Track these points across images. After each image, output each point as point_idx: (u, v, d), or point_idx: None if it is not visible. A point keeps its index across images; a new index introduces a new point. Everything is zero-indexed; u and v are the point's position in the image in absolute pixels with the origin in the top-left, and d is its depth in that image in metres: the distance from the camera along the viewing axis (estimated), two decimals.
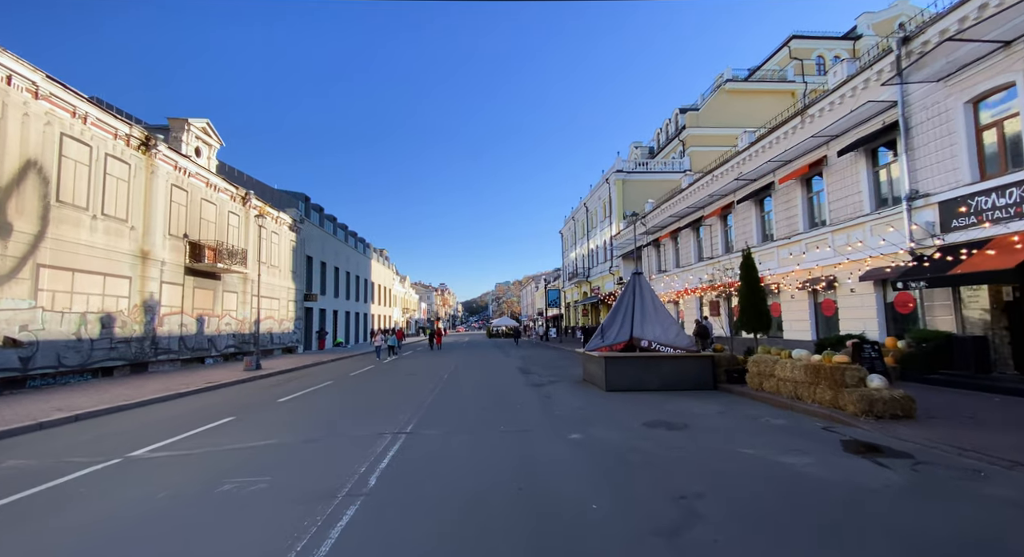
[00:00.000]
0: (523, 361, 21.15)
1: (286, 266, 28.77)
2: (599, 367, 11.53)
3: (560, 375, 14.97)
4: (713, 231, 20.32)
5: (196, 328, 19.65)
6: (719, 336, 19.14)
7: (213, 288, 20.97)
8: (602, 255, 38.09)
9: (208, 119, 20.76)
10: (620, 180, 34.19)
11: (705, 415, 8.13)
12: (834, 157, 13.32)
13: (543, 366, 18.42)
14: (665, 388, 11.02)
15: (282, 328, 27.83)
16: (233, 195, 22.73)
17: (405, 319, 73.11)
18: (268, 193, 30.89)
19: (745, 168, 17.32)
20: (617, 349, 12.43)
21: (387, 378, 15.32)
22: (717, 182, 19.36)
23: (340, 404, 10.20)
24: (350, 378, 15.65)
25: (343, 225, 42.97)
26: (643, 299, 12.53)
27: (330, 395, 11.64)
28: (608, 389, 10.99)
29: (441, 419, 8.14)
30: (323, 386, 13.49)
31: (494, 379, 14.22)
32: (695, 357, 11.29)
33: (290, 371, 18.43)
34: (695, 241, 22.35)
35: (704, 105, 35.71)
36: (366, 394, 11.74)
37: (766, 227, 17.19)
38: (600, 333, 12.70)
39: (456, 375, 15.50)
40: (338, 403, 10.36)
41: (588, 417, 8.12)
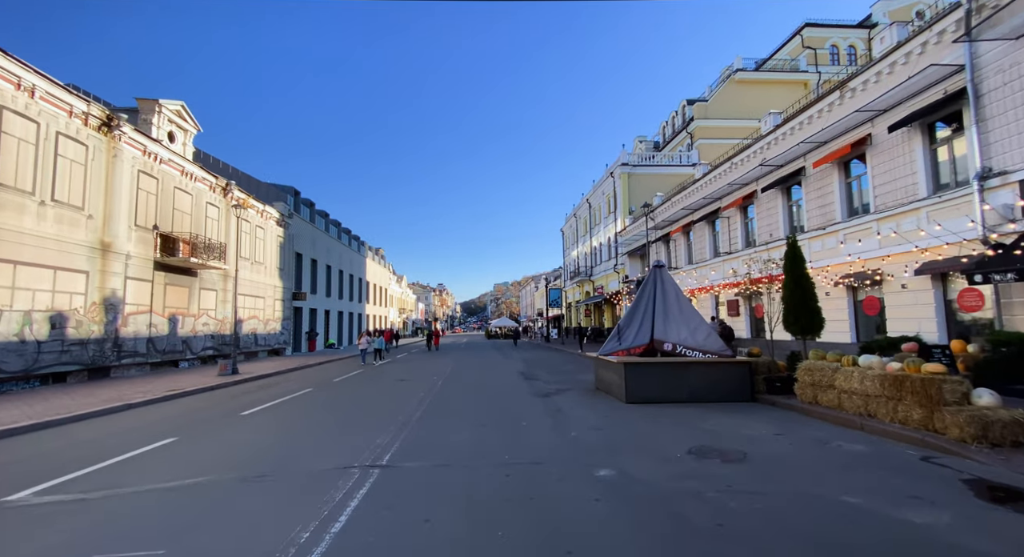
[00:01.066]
0: (525, 364, 19.52)
1: (272, 263, 27.09)
2: (617, 374, 9.90)
3: (567, 381, 13.34)
4: (731, 224, 18.72)
5: (168, 328, 17.96)
6: (737, 338, 17.52)
7: (188, 285, 19.28)
8: (606, 253, 36.49)
9: (183, 101, 19.10)
10: (625, 174, 32.60)
11: (760, 439, 6.50)
12: (881, 135, 11.73)
13: (547, 370, 16.79)
14: (695, 400, 9.40)
15: (268, 329, 26.14)
16: (212, 185, 21.06)
17: (402, 319, 71.41)
18: (254, 186, 29.22)
19: (770, 153, 15.74)
20: (636, 353, 10.81)
21: (374, 385, 13.68)
22: (737, 170, 17.78)
23: (311, 420, 8.54)
24: (333, 384, 13.99)
25: (336, 221, 41.29)
26: (665, 295, 10.91)
27: (303, 407, 9.98)
28: (628, 400, 9.37)
29: (429, 443, 6.50)
30: (300, 394, 11.84)
31: (494, 386, 12.58)
32: (730, 363, 9.67)
33: (269, 376, 16.75)
34: (710, 235, 20.75)
35: (713, 96, 34.17)
36: (346, 405, 10.08)
37: (794, 217, 15.59)
38: (616, 335, 11.07)
39: (452, 381, 13.86)
40: (309, 418, 8.70)
41: (613, 441, 6.49)
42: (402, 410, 9.12)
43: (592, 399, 10.16)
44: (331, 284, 37.67)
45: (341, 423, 8.13)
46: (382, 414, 8.81)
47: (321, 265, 35.42)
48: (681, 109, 37.01)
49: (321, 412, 9.36)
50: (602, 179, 36.70)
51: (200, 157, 25.77)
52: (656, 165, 33.05)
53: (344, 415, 8.96)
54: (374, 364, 19.31)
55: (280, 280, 28.02)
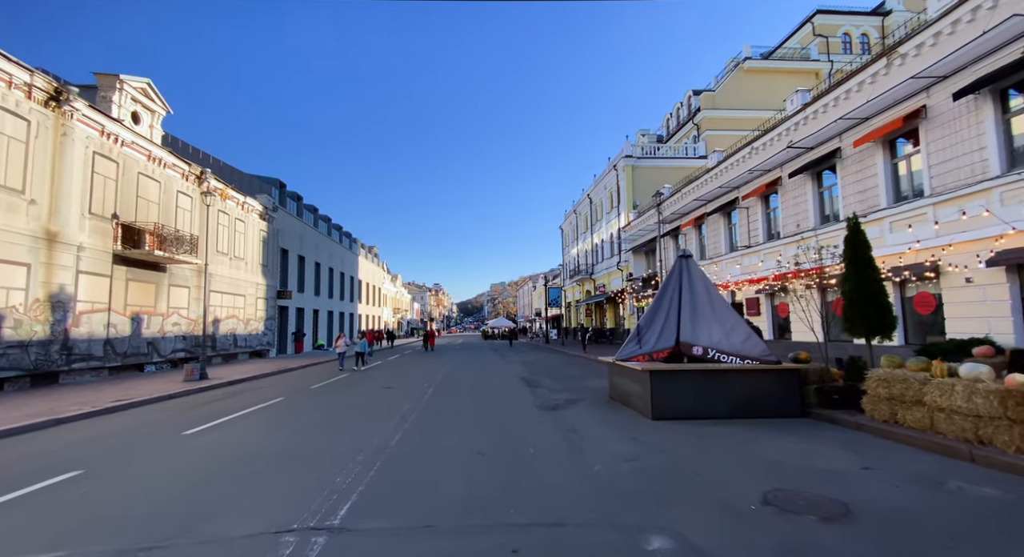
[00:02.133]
0: (525, 368, 17.88)
1: (254, 259, 25.34)
2: (640, 384, 8.28)
3: (576, 389, 11.71)
4: (751, 215, 17.16)
5: (131, 329, 16.21)
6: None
7: (156, 281, 17.53)
8: (608, 250, 34.93)
9: (149, 79, 17.35)
10: (629, 166, 31.03)
11: (847, 477, 4.89)
12: (940, 106, 10.18)
13: (551, 375, 15.16)
14: (736, 415, 7.79)
15: (248, 329, 24.39)
16: (185, 173, 19.31)
17: (396, 320, 69.64)
18: (236, 178, 27.44)
19: (798, 134, 14.17)
20: (659, 358, 9.19)
21: (355, 393, 12.00)
22: (758, 155, 16.22)
23: (264, 442, 6.86)
24: (310, 392, 12.31)
25: (326, 217, 39.53)
26: (693, 290, 9.29)
27: (263, 423, 8.30)
28: (655, 416, 7.74)
29: (406, 485, 4.84)
30: (266, 406, 10.15)
31: (492, 396, 10.93)
32: (776, 372, 8.06)
33: (242, 381, 15.04)
34: (726, 228, 19.19)
35: (721, 86, 32.67)
36: (313, 421, 8.40)
37: (826, 205, 14.04)
38: (635, 337, 9.44)
39: (443, 390, 12.20)
40: (262, 440, 7.02)
41: (654, 479, 4.85)
42: (380, 429, 7.45)
43: (609, 413, 8.53)
44: (320, 282, 35.91)
45: (298, 449, 6.46)
46: (355, 433, 7.15)
47: (309, 262, 33.67)
48: (687, 100, 35.50)
49: (281, 431, 7.69)
50: (604, 173, 35.13)
51: (170, 142, 23.96)
52: (662, 157, 31.51)
53: (307, 436, 7.28)
54: (356, 369, 17.30)
55: (263, 277, 26.26)
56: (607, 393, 10.61)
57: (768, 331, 16.23)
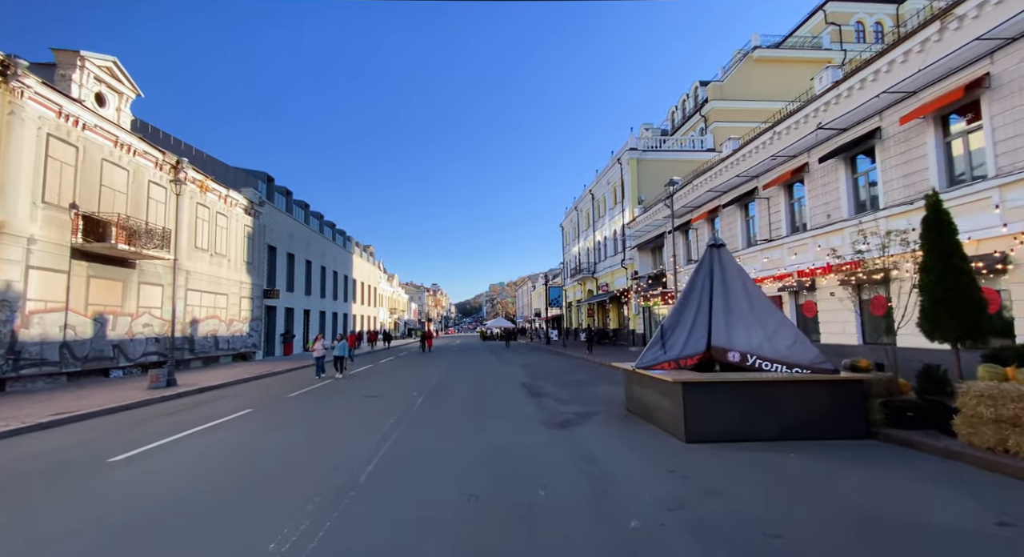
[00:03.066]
0: (527, 372, 16.46)
1: (238, 256, 23.87)
2: (669, 398, 6.87)
3: (585, 399, 10.30)
4: (772, 205, 15.76)
5: (93, 331, 14.75)
6: None
7: (124, 279, 16.07)
8: (611, 247, 33.54)
9: (116, 58, 15.88)
10: (634, 159, 29.64)
11: (983, 537, 3.49)
12: (1009, 72, 8.81)
13: (555, 381, 13.74)
14: (787, 436, 6.40)
15: (231, 330, 22.92)
16: (158, 162, 17.85)
17: (393, 320, 68.17)
18: (219, 169, 25.97)
19: (829, 115, 12.79)
20: (688, 366, 7.79)
21: (334, 403, 10.56)
22: (781, 140, 14.83)
23: (199, 479, 5.43)
24: (285, 402, 10.87)
25: (318, 214, 38.06)
26: (727, 285, 7.90)
27: (207, 448, 6.86)
28: (690, 438, 6.33)
29: (368, 553, 3.42)
30: (229, 420, 8.73)
31: (491, 408, 9.51)
32: (833, 383, 6.66)
33: (214, 388, 13.61)
34: (743, 221, 17.80)
35: (729, 76, 31.30)
36: (272, 446, 6.96)
37: (861, 192, 12.65)
38: (658, 340, 8.04)
39: (435, 399, 10.78)
40: (199, 475, 5.59)
41: (717, 547, 3.44)
42: (351, 455, 6.03)
43: (631, 432, 7.11)
44: (311, 281, 34.45)
45: (239, 488, 5.04)
46: (319, 462, 5.73)
47: (299, 260, 32.19)
48: (693, 91, 34.13)
49: (229, 458, 6.26)
50: (607, 167, 33.74)
51: (140, 128, 22.48)
52: (668, 150, 30.12)
53: (257, 466, 5.86)
54: (337, 377, 15.20)
55: (248, 275, 24.80)
56: (622, 404, 9.20)
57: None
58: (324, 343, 14.65)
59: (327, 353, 15.07)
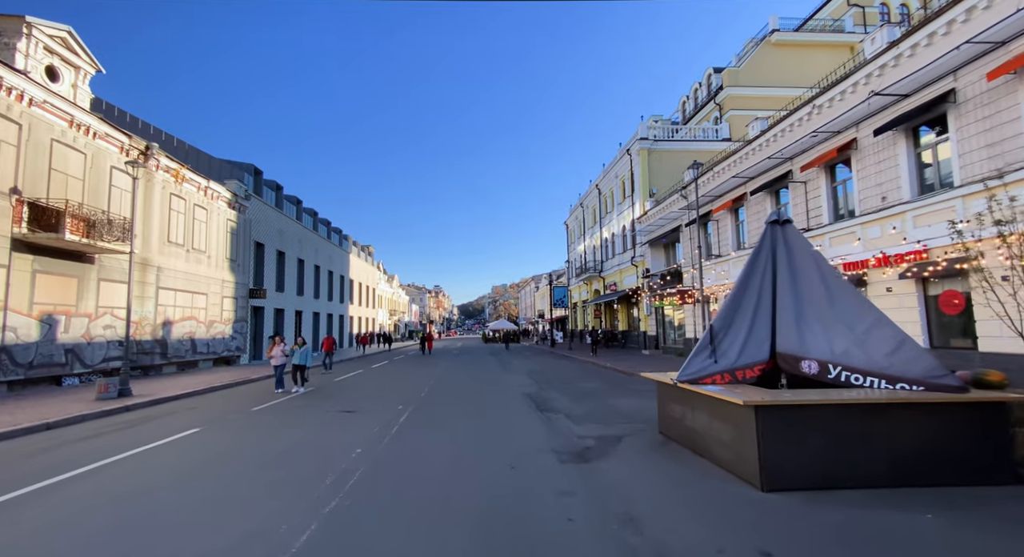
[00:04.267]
0: (531, 380, 14.60)
1: (220, 252, 22.14)
2: (734, 426, 5.01)
3: (605, 416, 8.45)
4: (811, 190, 13.88)
5: (40, 333, 13.01)
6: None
7: (79, 275, 14.33)
8: (620, 244, 31.68)
9: (71, 27, 14.18)
10: (645, 150, 27.79)
11: None
12: None
13: (565, 390, 11.89)
14: (903, 481, 4.55)
15: (212, 332, 21.17)
16: (123, 146, 16.13)
17: (393, 322, 66.42)
18: (202, 160, 24.32)
19: (886, 79, 10.94)
20: (748, 378, 5.94)
21: (299, 420, 8.73)
22: (821, 116, 12.98)
23: (98, 522, 3.62)
24: (242, 418, 9.06)
25: (311, 210, 36.36)
26: (796, 273, 6.05)
27: (110, 490, 5.05)
28: (769, 485, 4.48)
29: None
30: (157, 447, 6.92)
31: (489, 431, 7.66)
32: (960, 405, 4.79)
33: (171, 400, 11.83)
34: (772, 209, 15.91)
35: (746, 62, 29.44)
36: (191, 488, 5.15)
37: (924, 173, 10.76)
38: (706, 345, 6.17)
39: (420, 418, 8.94)
40: (71, 542, 3.78)
41: None
42: (293, 504, 4.21)
43: (677, 470, 5.25)
44: (304, 281, 32.71)
45: (146, 543, 3.22)
46: (240, 520, 3.91)
47: (290, 258, 30.47)
48: (706, 79, 32.28)
49: (130, 502, 4.45)
50: (615, 159, 31.90)
51: (104, 109, 20.79)
52: (681, 140, 28.26)
53: (156, 521, 4.04)
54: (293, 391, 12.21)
55: (231, 274, 23.06)
56: (653, 424, 7.35)
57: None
58: (285, 348, 12.16)
59: (287, 361, 12.30)
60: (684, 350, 21.97)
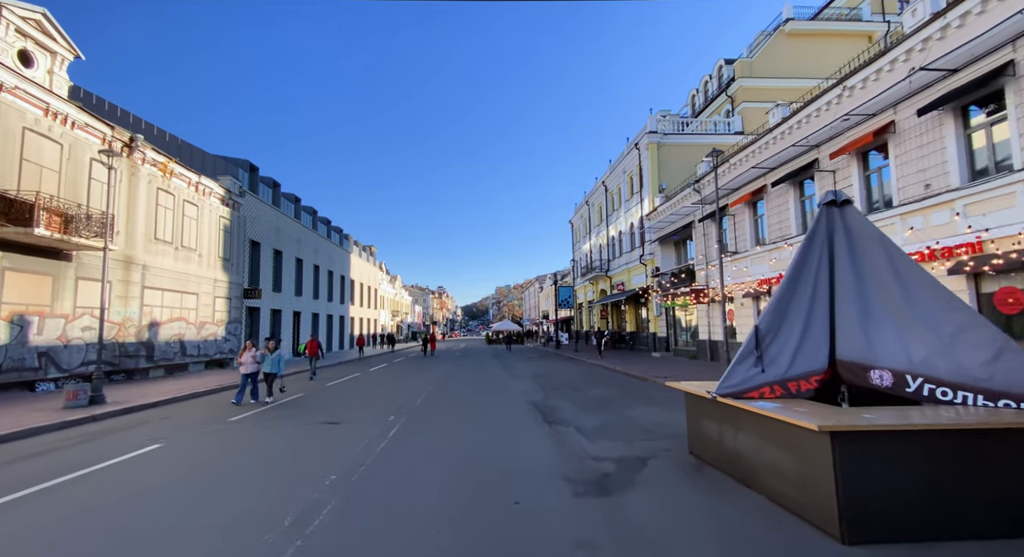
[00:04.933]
0: (536, 385, 13.58)
1: (211, 251, 21.26)
2: (799, 456, 3.96)
3: (621, 429, 7.41)
4: (841, 179, 12.77)
5: (9, 335, 12.13)
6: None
7: (55, 273, 13.46)
8: (627, 242, 30.61)
9: (46, 10, 13.32)
10: (654, 144, 26.72)
11: None
12: None
13: (574, 398, 10.85)
14: (1020, 530, 3.48)
15: (203, 334, 20.28)
16: (105, 138, 15.26)
17: (395, 323, 65.57)
18: (195, 156, 23.50)
19: (931, 53, 9.85)
20: (804, 391, 4.89)
21: (276, 432, 7.74)
22: (853, 97, 11.89)
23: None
24: (217, 430, 8.09)
25: (310, 209, 35.52)
26: (859, 263, 5.00)
27: (71, 509, 4.07)
28: (852, 537, 3.43)
29: None
30: (124, 460, 5.96)
31: (488, 451, 6.63)
32: None
33: (144, 409, 10.90)
34: (796, 202, 14.82)
35: (759, 52, 28.34)
36: (127, 521, 4.16)
37: (977, 156, 9.65)
38: (751, 352, 5.12)
39: (415, 428, 7.94)
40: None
41: None
42: (243, 549, 3.22)
43: (724, 509, 4.20)
44: (303, 281, 31.84)
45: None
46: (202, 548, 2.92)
47: (288, 258, 29.61)
48: (717, 71, 31.16)
49: (51, 543, 3.47)
50: (623, 154, 30.84)
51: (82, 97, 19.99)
52: (692, 134, 27.16)
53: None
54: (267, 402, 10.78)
55: (225, 273, 22.18)
56: (678, 439, 6.31)
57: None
58: (256, 354, 10.50)
59: (255, 368, 10.50)
60: (697, 352, 20.87)
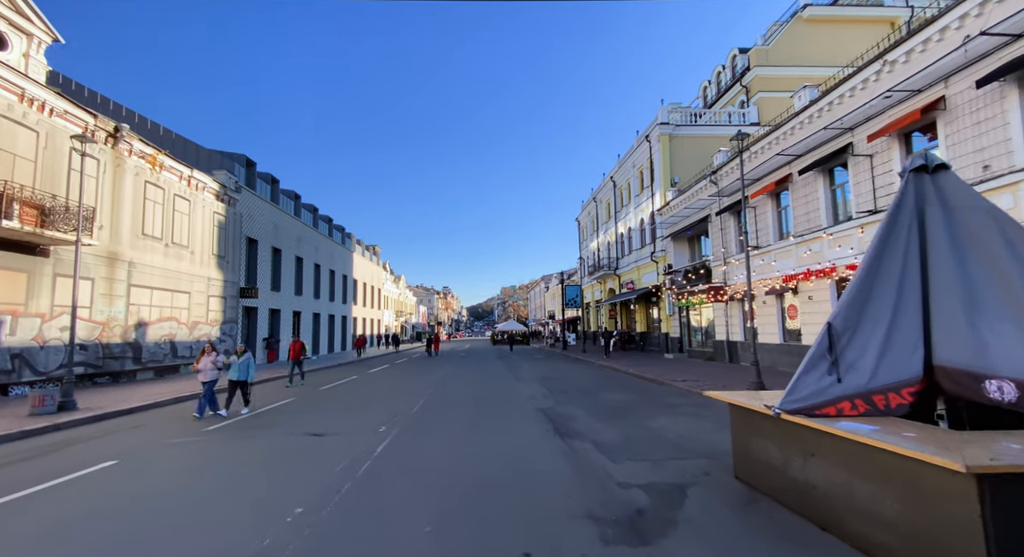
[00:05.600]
0: (545, 389, 12.54)
1: (205, 248, 20.42)
2: (920, 501, 2.90)
3: (646, 445, 6.36)
4: (879, 164, 11.62)
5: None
6: None
7: (30, 269, 12.62)
8: (637, 239, 29.48)
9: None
10: (666, 135, 25.59)
11: None
12: None
13: (588, 405, 9.80)
14: None
15: (196, 334, 19.43)
16: (87, 126, 14.42)
17: (399, 323, 64.75)
18: (190, 150, 22.71)
19: (990, 18, 8.71)
20: (896, 407, 3.81)
21: (248, 449, 6.77)
22: (895, 73, 10.75)
23: None
24: (187, 444, 7.14)
25: (311, 206, 34.69)
26: (960, 244, 3.92)
27: None
28: None
29: None
30: (72, 479, 5.01)
31: (493, 470, 5.60)
32: None
33: (119, 415, 10.02)
34: (826, 190, 13.68)
35: (775, 39, 27.12)
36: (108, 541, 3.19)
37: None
38: (823, 355, 4.05)
39: (407, 443, 6.93)
40: None
41: None
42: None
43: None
44: (303, 280, 31.01)
45: None
46: None
47: (287, 256, 28.78)
48: (730, 61, 29.95)
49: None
50: (632, 148, 29.72)
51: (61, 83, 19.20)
52: (705, 125, 26.01)
53: None
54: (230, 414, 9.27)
55: (219, 271, 21.34)
56: (717, 459, 5.25)
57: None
58: (218, 359, 8.95)
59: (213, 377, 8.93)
60: (714, 354, 19.73)
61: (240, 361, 9.23)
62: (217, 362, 8.45)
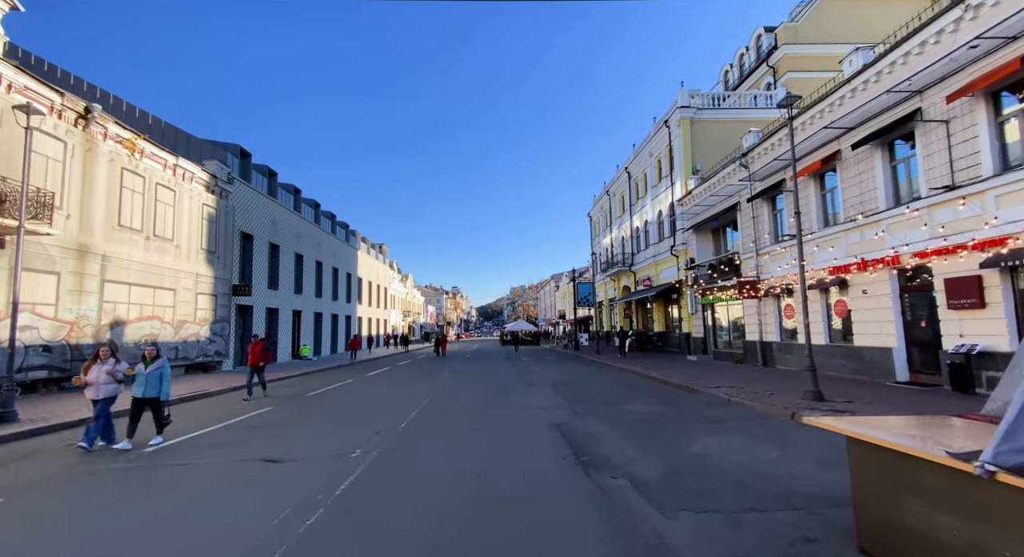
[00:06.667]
0: (559, 396, 10.84)
1: (193, 242, 19.08)
2: None
3: (703, 483, 4.67)
4: (956, 131, 9.73)
5: None
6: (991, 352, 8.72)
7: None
8: (655, 233, 27.62)
9: None
10: (687, 120, 23.68)
11: None
12: None
13: (612, 419, 8.11)
14: None
15: (182, 335, 18.09)
16: (53, 105, 13.11)
17: (407, 323, 63.47)
18: (180, 139, 21.42)
19: None
20: None
21: (190, 478, 5.21)
22: (979, 20, 8.89)
23: None
24: (111, 469, 5.61)
25: (312, 201, 33.39)
26: None
27: None
28: None
29: None
30: None
31: (492, 526, 3.95)
32: None
33: (64, 428, 8.61)
34: (884, 167, 11.80)
35: (805, 15, 25.10)
36: None
37: None
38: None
39: (386, 471, 5.30)
40: None
41: None
42: None
43: None
44: (303, 278, 29.70)
45: None
46: None
47: (286, 252, 27.46)
48: (754, 42, 27.98)
49: None
50: (649, 136, 27.87)
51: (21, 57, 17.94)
52: (730, 108, 24.03)
53: None
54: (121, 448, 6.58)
55: (209, 267, 20.02)
56: (814, 503, 3.53)
57: (1010, 343, 8.79)
58: (116, 368, 6.70)
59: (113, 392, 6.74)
60: (744, 356, 17.87)
61: (148, 371, 6.83)
62: (116, 372, 6.58)
